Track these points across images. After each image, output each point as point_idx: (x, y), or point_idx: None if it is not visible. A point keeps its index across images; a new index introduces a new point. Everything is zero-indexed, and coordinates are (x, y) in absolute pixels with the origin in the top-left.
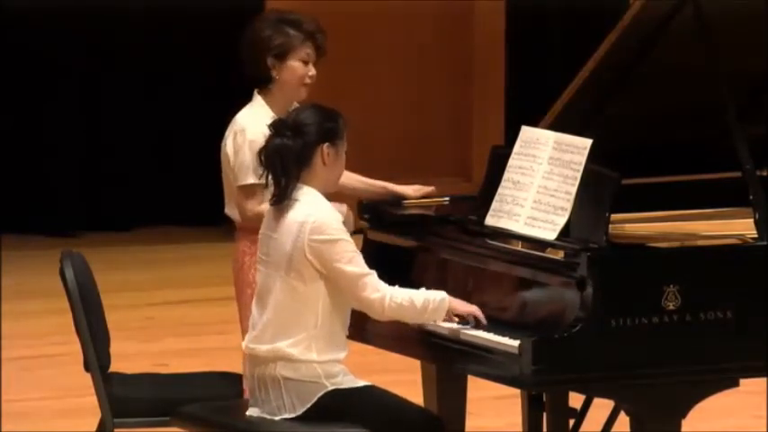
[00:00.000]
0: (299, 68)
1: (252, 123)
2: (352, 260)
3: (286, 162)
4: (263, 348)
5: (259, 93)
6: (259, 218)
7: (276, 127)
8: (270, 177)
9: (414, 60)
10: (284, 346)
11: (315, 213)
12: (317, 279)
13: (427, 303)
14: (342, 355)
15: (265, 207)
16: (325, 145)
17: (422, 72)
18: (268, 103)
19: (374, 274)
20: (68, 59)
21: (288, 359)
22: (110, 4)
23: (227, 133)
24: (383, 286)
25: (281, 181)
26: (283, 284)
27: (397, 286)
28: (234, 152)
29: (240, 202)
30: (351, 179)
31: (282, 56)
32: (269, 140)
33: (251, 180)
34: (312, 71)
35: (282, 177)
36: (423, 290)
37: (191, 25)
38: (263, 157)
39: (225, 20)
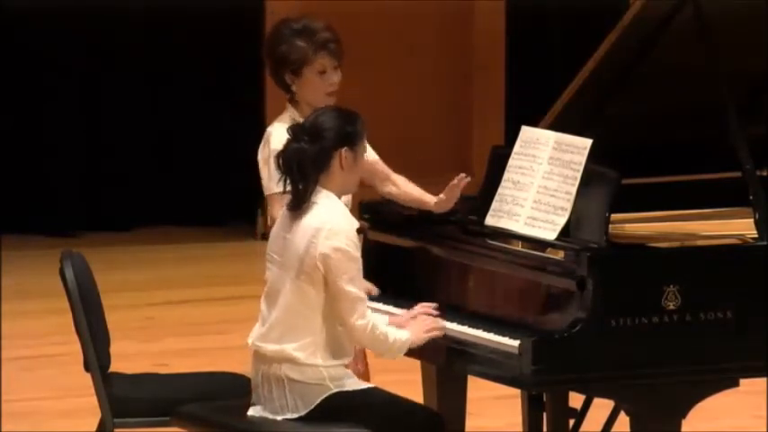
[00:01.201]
0: (315, 81)
1: (277, 134)
2: (353, 280)
3: (303, 167)
4: (269, 348)
5: (289, 102)
6: None
7: (294, 132)
8: (288, 181)
9: (414, 60)
10: (290, 348)
11: (331, 221)
12: (326, 284)
13: (395, 342)
14: (347, 360)
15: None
16: (344, 149)
17: (422, 72)
18: (298, 111)
19: (366, 299)
20: (68, 59)
21: (293, 362)
22: (110, 4)
23: (261, 143)
24: (369, 314)
25: (299, 185)
26: (293, 286)
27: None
28: (261, 162)
29: (269, 212)
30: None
31: (298, 71)
32: (287, 145)
33: (269, 191)
34: (333, 79)
35: (300, 182)
36: (393, 328)
37: (191, 25)
38: (280, 162)
39: (225, 20)
